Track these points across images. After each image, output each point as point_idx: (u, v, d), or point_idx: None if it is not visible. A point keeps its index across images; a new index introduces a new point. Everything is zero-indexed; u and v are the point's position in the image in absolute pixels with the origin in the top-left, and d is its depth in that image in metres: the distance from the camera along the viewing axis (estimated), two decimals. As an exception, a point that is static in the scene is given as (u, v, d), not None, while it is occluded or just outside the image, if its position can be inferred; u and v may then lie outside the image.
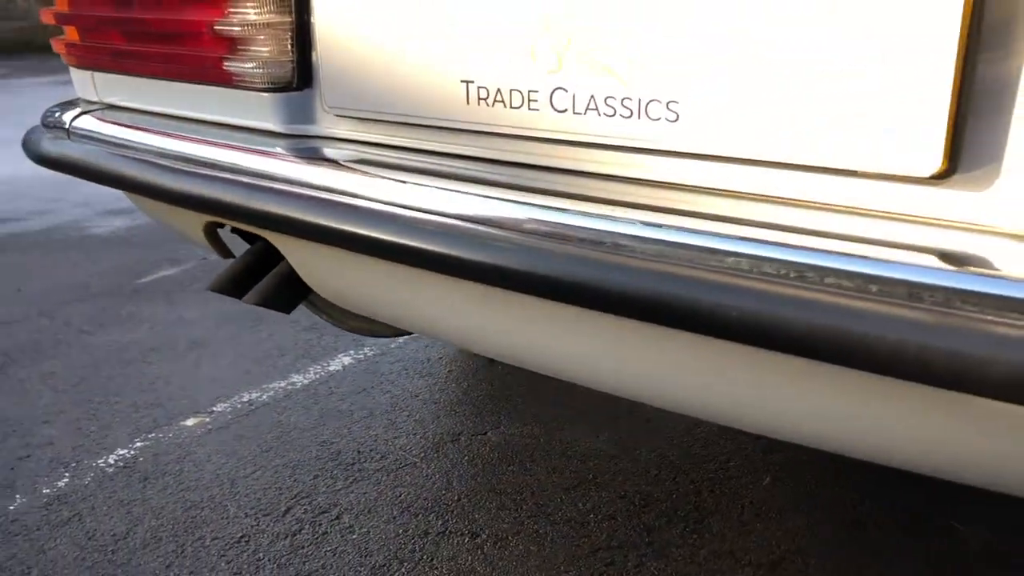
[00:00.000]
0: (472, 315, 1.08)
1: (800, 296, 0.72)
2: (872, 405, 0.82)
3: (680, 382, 0.95)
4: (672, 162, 0.88)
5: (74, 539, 1.58)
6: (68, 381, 2.19)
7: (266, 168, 1.13)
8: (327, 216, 1.03)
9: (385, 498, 1.69)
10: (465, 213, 0.92)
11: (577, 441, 1.88)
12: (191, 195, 1.19)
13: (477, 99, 0.99)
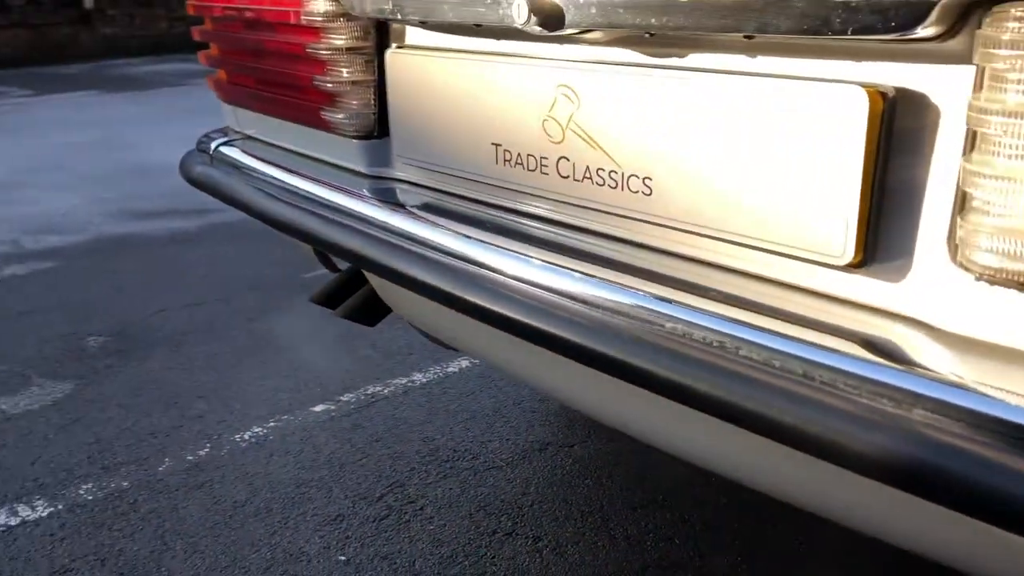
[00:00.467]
0: (512, 357, 1.22)
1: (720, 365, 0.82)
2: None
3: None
4: (646, 227, 0.98)
5: (202, 502, 1.86)
6: (228, 362, 2.52)
7: (347, 206, 1.31)
8: (387, 257, 1.19)
9: (467, 496, 1.87)
10: (493, 265, 1.05)
11: (657, 464, 1.97)
12: (292, 227, 1.40)
13: (503, 160, 1.13)
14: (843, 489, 0.93)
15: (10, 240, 3.78)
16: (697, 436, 1.10)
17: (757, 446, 0.91)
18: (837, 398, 0.74)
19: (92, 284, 3.20)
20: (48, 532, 1.77)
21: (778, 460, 0.93)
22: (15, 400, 2.32)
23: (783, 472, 1.01)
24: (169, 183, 4.72)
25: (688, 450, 1.15)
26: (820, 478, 0.92)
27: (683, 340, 0.82)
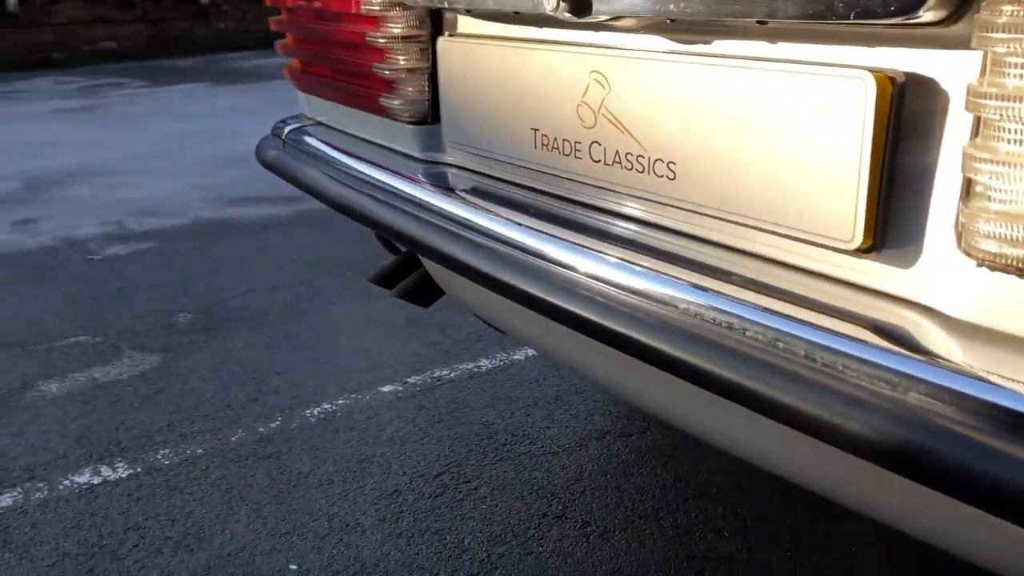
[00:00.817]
0: (543, 338, 1.25)
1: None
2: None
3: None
4: (670, 211, 1.00)
5: (269, 471, 1.95)
6: (305, 343, 2.62)
7: (401, 189, 1.36)
8: (434, 239, 1.23)
9: (521, 479, 1.90)
10: (531, 247, 1.08)
11: (714, 456, 1.97)
12: (350, 208, 1.46)
13: (542, 145, 1.16)
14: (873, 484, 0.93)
15: (114, 221, 4.00)
16: (725, 423, 1.11)
17: (766, 426, 0.92)
18: (839, 380, 0.75)
19: (186, 265, 3.36)
20: (126, 492, 1.89)
21: (796, 446, 0.94)
22: (107, 369, 2.47)
23: (806, 459, 1.01)
24: (264, 172, 4.90)
25: (710, 434, 1.15)
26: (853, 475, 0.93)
27: (699, 321, 0.84)
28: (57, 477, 1.95)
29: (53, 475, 1.96)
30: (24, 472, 1.97)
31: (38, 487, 1.91)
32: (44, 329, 2.77)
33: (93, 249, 3.59)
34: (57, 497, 1.88)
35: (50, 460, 2.02)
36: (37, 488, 1.91)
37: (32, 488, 1.91)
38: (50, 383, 2.39)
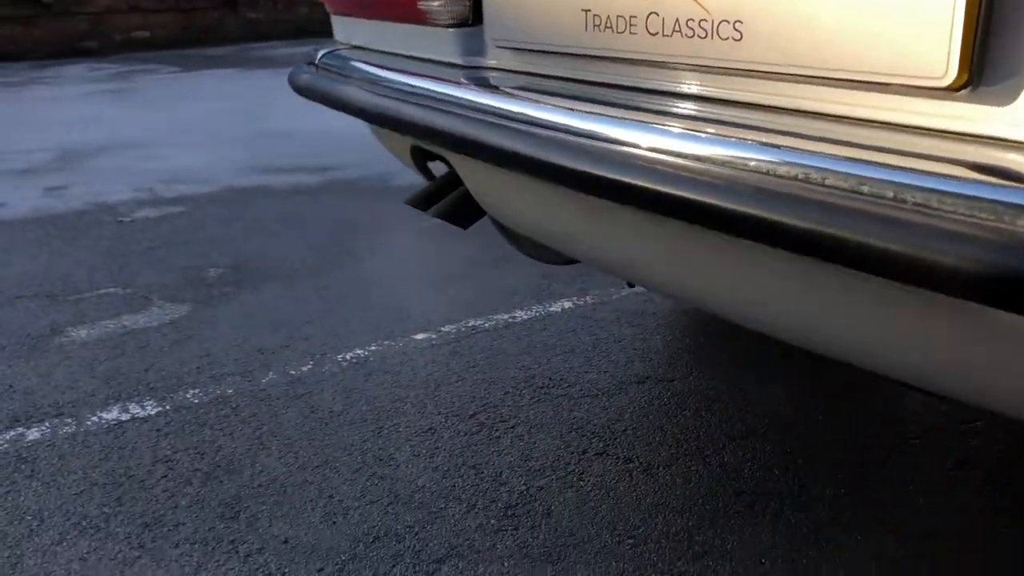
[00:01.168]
0: (607, 235, 1.17)
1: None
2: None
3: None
4: (738, 80, 0.93)
5: (301, 410, 1.90)
6: (336, 294, 2.57)
7: (444, 92, 1.30)
8: (482, 133, 1.16)
9: (560, 419, 1.84)
10: (593, 131, 1.00)
11: (762, 400, 1.89)
12: (391, 117, 1.40)
13: (593, 25, 1.09)
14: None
15: (145, 188, 3.98)
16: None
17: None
18: (946, 219, 0.68)
19: (216, 226, 3.33)
20: (155, 428, 1.85)
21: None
22: (136, 317, 2.43)
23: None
24: (296, 146, 4.88)
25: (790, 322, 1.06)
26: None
27: (798, 180, 0.76)
28: (85, 414, 1.91)
29: (81, 412, 1.92)
30: (52, 409, 1.94)
31: (66, 423, 1.88)
32: (74, 282, 2.74)
33: (123, 212, 3.57)
34: (85, 432, 1.84)
35: (78, 398, 1.98)
36: (65, 424, 1.87)
37: (60, 424, 1.87)
38: (79, 329, 2.36)
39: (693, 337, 2.23)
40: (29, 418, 1.90)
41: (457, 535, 1.48)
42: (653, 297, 2.45)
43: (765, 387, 1.95)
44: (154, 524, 1.53)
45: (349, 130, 5.23)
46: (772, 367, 2.04)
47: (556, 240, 1.35)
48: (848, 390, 1.92)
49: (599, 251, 1.27)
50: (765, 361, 2.07)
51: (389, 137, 1.67)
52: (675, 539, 1.46)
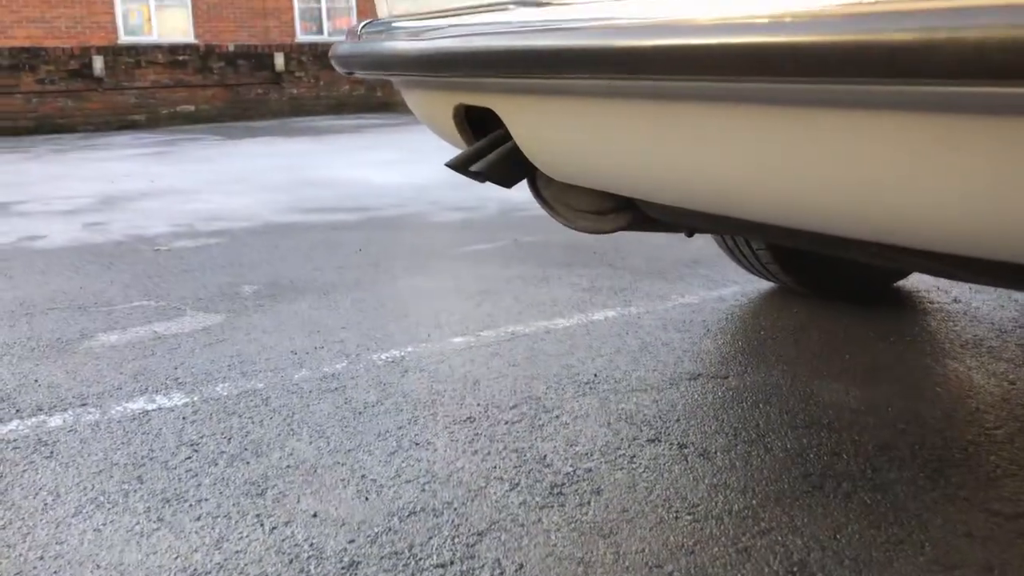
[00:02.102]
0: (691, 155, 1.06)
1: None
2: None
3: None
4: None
5: (334, 401, 1.81)
6: (371, 305, 2.49)
7: (494, 21, 1.23)
8: (542, 40, 1.08)
9: (607, 409, 1.72)
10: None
11: (823, 393, 1.77)
12: (432, 59, 1.34)
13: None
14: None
15: (184, 224, 3.97)
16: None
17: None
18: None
19: (253, 253, 3.29)
20: (181, 416, 1.76)
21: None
22: (168, 325, 2.37)
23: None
24: (336, 192, 4.88)
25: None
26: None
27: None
28: (110, 404, 1.83)
29: (106, 402, 1.84)
30: (76, 399, 1.86)
31: (89, 411, 1.80)
32: (107, 297, 2.69)
33: (161, 243, 3.55)
34: (109, 419, 1.75)
35: (104, 391, 1.90)
36: (88, 412, 1.79)
37: (83, 412, 1.79)
38: (109, 334, 2.30)
39: (746, 341, 2.11)
40: (52, 407, 1.82)
41: (499, 511, 1.36)
42: (696, 307, 2.35)
43: (827, 382, 1.82)
44: (175, 500, 1.43)
45: (389, 181, 5.27)
46: (832, 364, 1.91)
47: (613, 172, 1.25)
48: (915, 388, 1.79)
49: (663, 169, 1.15)
50: (825, 359, 1.95)
51: (428, 103, 1.61)
52: (738, 516, 1.33)
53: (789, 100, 0.87)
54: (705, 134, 1.01)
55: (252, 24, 16.75)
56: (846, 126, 0.84)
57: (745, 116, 0.94)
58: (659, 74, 0.93)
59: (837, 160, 0.86)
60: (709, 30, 0.84)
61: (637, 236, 3.29)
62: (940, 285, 2.51)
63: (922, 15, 0.66)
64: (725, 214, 1.10)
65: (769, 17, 0.78)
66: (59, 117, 11.83)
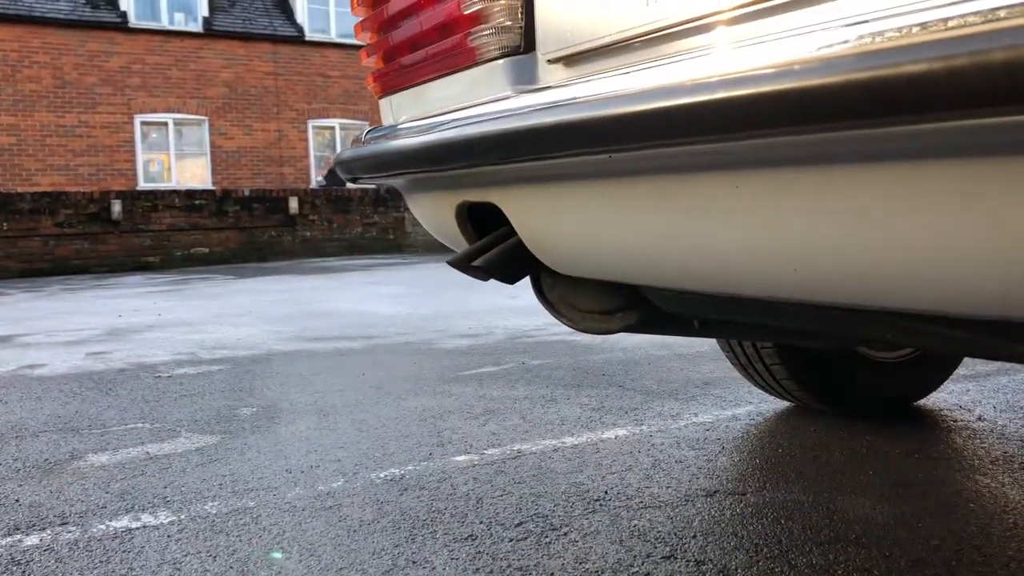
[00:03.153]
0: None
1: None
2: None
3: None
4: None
5: (327, 519, 1.70)
6: (372, 425, 2.41)
7: (498, 111, 1.21)
8: (549, 118, 1.04)
9: (619, 526, 1.62)
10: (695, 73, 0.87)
11: (848, 509, 1.66)
12: (434, 154, 1.32)
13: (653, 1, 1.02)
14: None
15: (187, 352, 3.93)
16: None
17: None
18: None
19: (255, 378, 3.23)
20: (166, 534, 1.65)
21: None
22: (160, 446, 2.28)
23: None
24: (341, 322, 4.86)
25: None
26: None
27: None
28: (92, 522, 1.73)
29: (88, 521, 1.74)
30: (56, 518, 1.76)
31: (69, 530, 1.69)
32: (102, 419, 2.61)
33: (162, 370, 3.49)
34: (89, 538, 1.65)
35: (87, 509, 1.80)
36: (68, 531, 1.69)
37: (63, 531, 1.69)
38: (100, 455, 2.21)
39: (764, 458, 2.01)
40: (30, 526, 1.72)
41: (501, 631, 1.24)
42: (709, 424, 2.25)
43: (851, 497, 1.71)
44: (150, 620, 1.32)
45: (397, 312, 5.26)
46: (856, 480, 1.81)
47: (621, 258, 1.20)
48: (947, 504, 1.68)
49: (672, 247, 1.09)
50: (848, 474, 1.84)
51: (432, 204, 1.59)
52: (764, 635, 1.21)
53: (797, 157, 0.83)
54: (713, 204, 0.96)
55: (268, 171, 17.29)
56: (867, 181, 0.79)
57: (753, 181, 0.90)
58: (661, 140, 0.90)
59: (869, 221, 0.81)
60: (713, 86, 0.81)
61: (647, 358, 3.23)
62: (963, 404, 2.42)
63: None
64: (740, 292, 1.04)
65: (773, 65, 0.75)
66: (74, 259, 12.02)
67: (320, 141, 17.87)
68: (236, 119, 17.04)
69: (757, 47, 0.82)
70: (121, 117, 16.15)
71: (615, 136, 0.96)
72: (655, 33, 1.03)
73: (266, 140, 17.29)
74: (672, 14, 1.00)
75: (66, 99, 15.69)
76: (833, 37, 0.73)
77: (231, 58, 16.97)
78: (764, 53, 0.79)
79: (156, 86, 16.41)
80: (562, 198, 1.24)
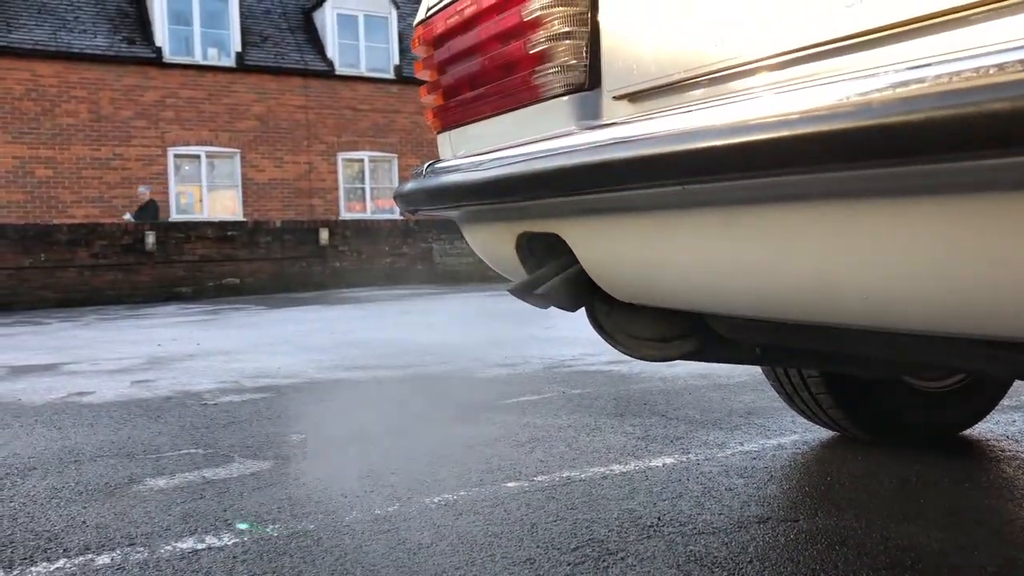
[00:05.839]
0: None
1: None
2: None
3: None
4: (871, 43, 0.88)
5: (387, 543, 1.74)
6: (420, 452, 2.45)
7: (570, 143, 1.26)
8: (614, 155, 1.10)
9: (675, 551, 1.64)
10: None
11: (903, 536, 1.67)
12: (498, 186, 1.38)
13: (722, 40, 1.07)
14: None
15: (231, 381, 3.99)
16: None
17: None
18: None
19: (299, 407, 3.28)
20: (231, 556, 1.70)
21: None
22: (216, 470, 2.33)
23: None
24: (378, 351, 4.92)
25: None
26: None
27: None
28: (159, 544, 1.78)
29: (155, 542, 1.79)
30: (124, 539, 1.81)
31: (138, 551, 1.74)
32: (155, 445, 2.67)
33: (208, 398, 3.55)
34: (158, 558, 1.70)
35: (152, 531, 1.85)
36: (137, 551, 1.74)
37: (132, 551, 1.74)
38: (158, 479, 2.27)
39: (812, 486, 2.03)
40: (100, 547, 1.77)
41: (568, 650, 1.27)
42: (756, 452, 2.27)
43: (904, 525, 1.73)
44: (225, 637, 1.36)
45: (431, 340, 5.31)
46: (908, 508, 1.82)
47: (683, 287, 1.25)
48: (1001, 533, 1.69)
49: (732, 276, 1.14)
50: (899, 502, 1.86)
51: (491, 235, 1.64)
52: (829, 657, 1.23)
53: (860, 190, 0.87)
54: (783, 233, 1.00)
55: (298, 203, 17.51)
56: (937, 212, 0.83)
57: (824, 212, 0.94)
58: (735, 173, 0.94)
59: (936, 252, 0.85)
60: (781, 123, 0.86)
61: (687, 388, 3.25)
62: (1009, 434, 2.43)
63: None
64: (807, 319, 1.08)
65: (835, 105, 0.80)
66: (109, 289, 12.20)
67: (349, 173, 18.09)
68: (267, 152, 17.30)
69: (825, 86, 0.86)
70: (155, 150, 16.46)
71: (689, 169, 1.01)
72: (723, 72, 1.08)
73: (296, 172, 17.53)
74: (741, 54, 1.04)
75: (102, 132, 16.02)
76: (900, 77, 0.77)
77: (263, 92, 17.26)
78: (831, 92, 0.84)
79: (189, 119, 16.72)
80: (626, 228, 1.28)
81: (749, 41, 1.04)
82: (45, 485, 2.24)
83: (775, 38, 1.00)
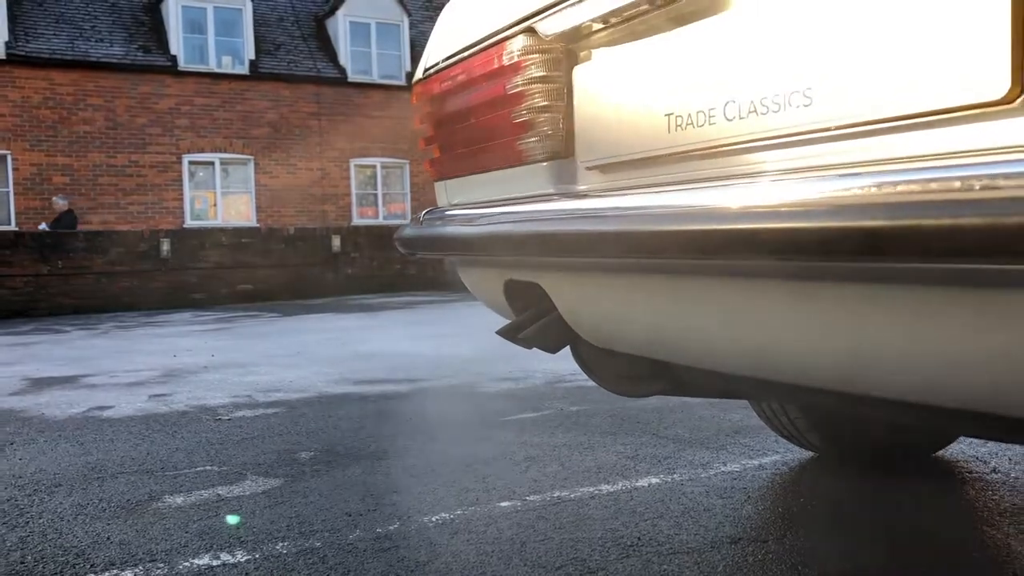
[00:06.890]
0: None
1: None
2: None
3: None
4: (814, 147, 1.02)
5: (387, 560, 1.89)
6: (422, 471, 2.60)
7: (540, 210, 1.42)
8: (581, 227, 1.27)
9: (650, 570, 1.78)
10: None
11: (863, 556, 1.81)
12: (484, 241, 1.53)
13: (675, 126, 1.22)
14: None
15: (244, 395, 4.16)
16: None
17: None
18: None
19: (309, 422, 3.44)
20: (244, 572, 1.85)
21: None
22: (230, 488, 2.49)
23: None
24: (387, 364, 5.07)
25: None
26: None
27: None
28: (178, 560, 1.93)
29: (174, 559, 1.94)
30: (146, 555, 1.97)
31: (159, 567, 1.90)
32: (173, 462, 2.84)
33: (222, 413, 3.72)
34: (176, 574, 1.85)
35: (171, 548, 2.01)
36: (158, 567, 1.90)
37: (153, 567, 1.90)
38: (175, 497, 2.43)
39: (785, 507, 2.16)
40: (124, 563, 1.93)
41: (545, 663, 1.42)
42: (739, 473, 2.41)
43: (867, 545, 1.87)
44: (238, 649, 1.51)
45: (439, 353, 5.46)
46: (871, 528, 1.96)
47: (644, 339, 1.40)
48: (952, 553, 1.83)
49: (684, 333, 1.29)
50: (863, 523, 1.99)
51: (482, 279, 1.79)
52: (777, 671, 1.37)
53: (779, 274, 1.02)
54: (705, 300, 1.16)
55: (310, 208, 17.72)
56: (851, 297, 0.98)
57: (751, 288, 1.09)
58: (671, 254, 1.09)
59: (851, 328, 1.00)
60: (733, 216, 1.01)
61: (680, 405, 3.39)
62: (979, 456, 2.56)
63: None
64: (747, 375, 1.23)
65: (763, 208, 0.95)
66: (124, 296, 12.40)
67: (361, 179, 18.30)
68: (280, 158, 17.52)
69: (757, 185, 1.02)
70: (170, 157, 16.70)
71: (639, 248, 1.16)
72: (676, 153, 1.23)
73: (309, 178, 17.75)
74: (688, 142, 1.19)
75: (118, 139, 16.27)
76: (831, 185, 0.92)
77: (276, 99, 17.49)
78: (761, 191, 0.99)
79: (203, 127, 16.96)
80: (596, 283, 1.44)
81: (696, 131, 1.18)
82: (71, 502, 2.40)
83: (718, 130, 1.14)
